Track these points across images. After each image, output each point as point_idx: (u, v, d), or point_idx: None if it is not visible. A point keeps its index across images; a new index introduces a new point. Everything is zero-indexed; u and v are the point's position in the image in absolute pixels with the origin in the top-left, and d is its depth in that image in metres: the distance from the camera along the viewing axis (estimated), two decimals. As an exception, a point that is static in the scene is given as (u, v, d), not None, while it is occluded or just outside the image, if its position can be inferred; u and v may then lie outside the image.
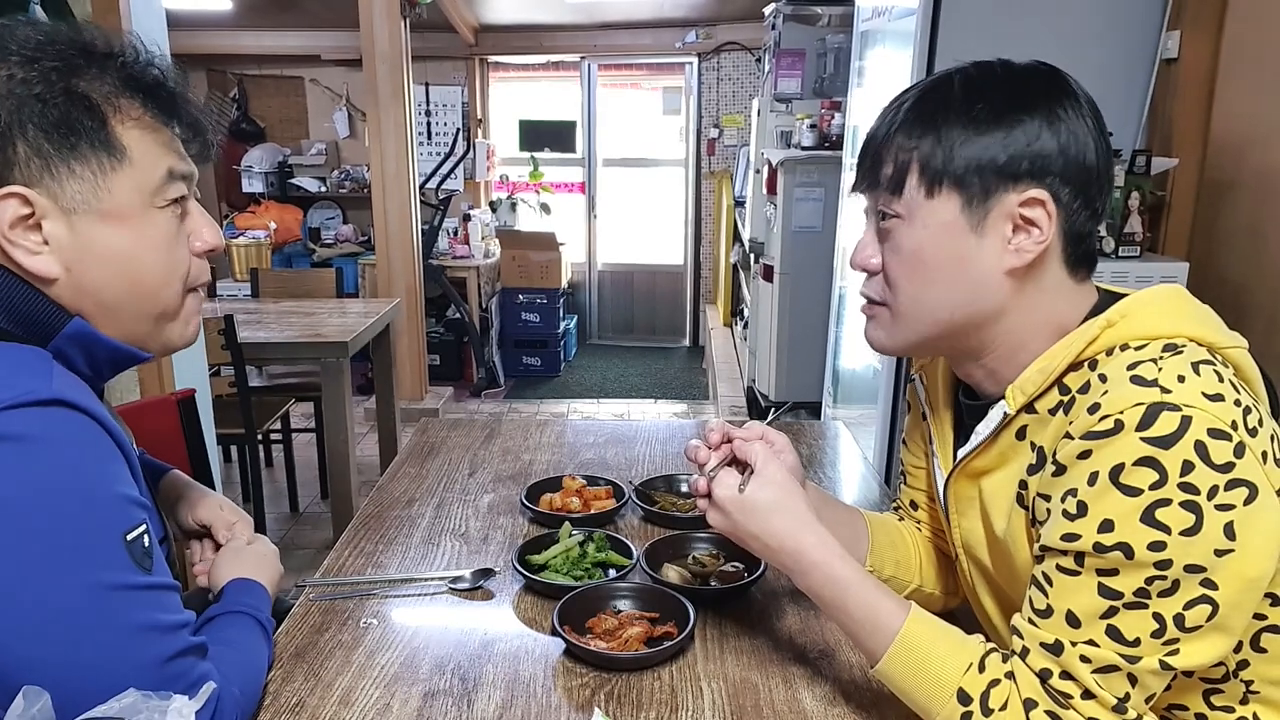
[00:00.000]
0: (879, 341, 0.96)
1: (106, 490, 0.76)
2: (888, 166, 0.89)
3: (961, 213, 0.85)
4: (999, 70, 0.87)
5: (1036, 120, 0.83)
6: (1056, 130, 0.83)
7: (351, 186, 6.04)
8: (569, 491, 1.38)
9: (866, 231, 0.95)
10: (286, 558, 1.11)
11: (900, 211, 0.88)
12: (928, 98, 0.88)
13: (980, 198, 0.85)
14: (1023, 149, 0.83)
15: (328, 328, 3.12)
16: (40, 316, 0.80)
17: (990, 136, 0.84)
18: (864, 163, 0.92)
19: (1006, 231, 0.85)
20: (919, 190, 0.87)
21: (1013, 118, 0.84)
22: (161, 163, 0.84)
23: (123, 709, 0.67)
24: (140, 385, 2.09)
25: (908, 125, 0.88)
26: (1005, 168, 0.83)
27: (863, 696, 0.94)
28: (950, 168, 0.85)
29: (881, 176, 0.89)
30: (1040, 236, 0.84)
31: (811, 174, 3.66)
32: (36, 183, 0.78)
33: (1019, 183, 0.84)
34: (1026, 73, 0.87)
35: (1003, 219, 0.85)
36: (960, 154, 0.84)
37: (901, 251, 0.89)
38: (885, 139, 0.89)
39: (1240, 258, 2.20)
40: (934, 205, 0.86)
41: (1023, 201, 0.84)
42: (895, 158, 0.88)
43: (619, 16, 5.78)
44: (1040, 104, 0.84)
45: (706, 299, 6.54)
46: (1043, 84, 0.86)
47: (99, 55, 0.81)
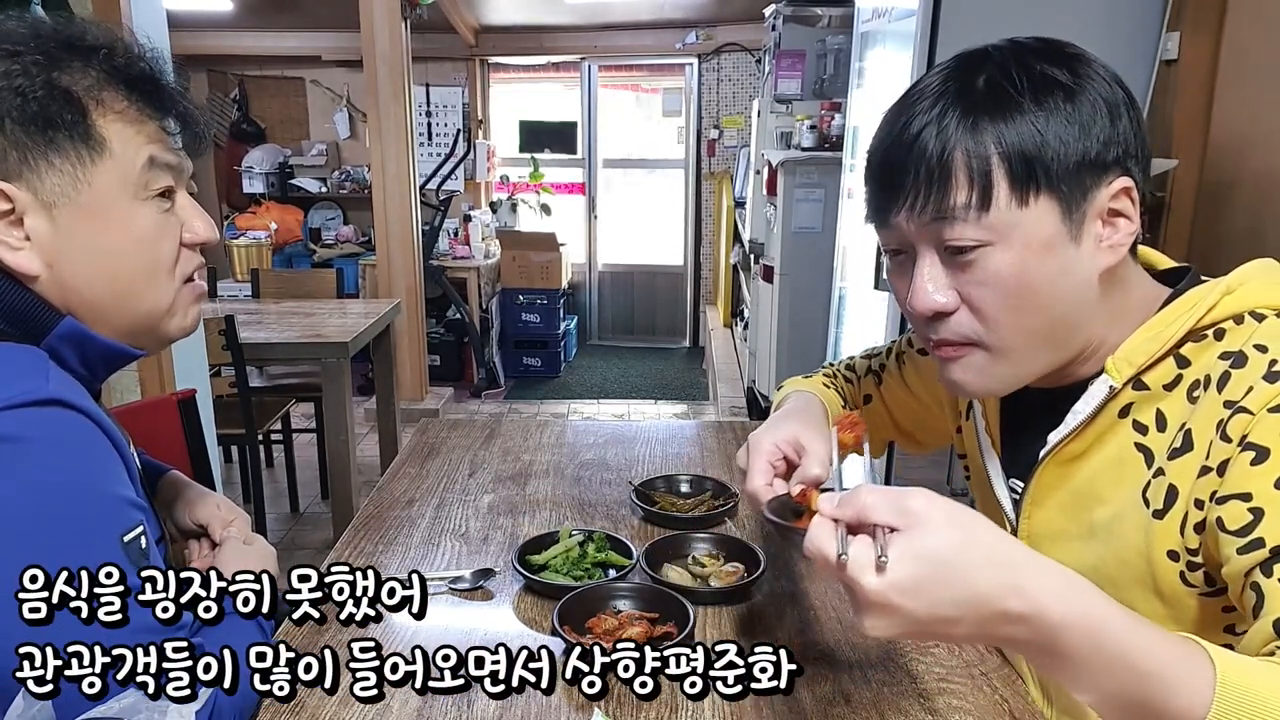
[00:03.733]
0: (974, 386, 0.82)
1: (104, 491, 0.76)
2: (959, 183, 0.74)
3: (1063, 222, 0.74)
4: (1027, 47, 0.78)
5: (1100, 96, 0.74)
6: (1116, 103, 0.75)
7: (352, 187, 6.04)
8: None
9: (921, 268, 0.79)
10: (287, 558, 1.11)
11: (986, 237, 0.74)
12: (976, 90, 0.75)
13: (1079, 199, 0.74)
14: (1108, 133, 0.74)
15: (328, 328, 3.12)
16: (31, 314, 0.80)
17: (1073, 123, 0.73)
18: (914, 177, 0.76)
19: (1098, 230, 0.76)
20: (1011, 202, 0.74)
21: (1083, 97, 0.74)
22: (143, 151, 0.83)
23: (123, 709, 0.67)
24: (141, 385, 2.09)
25: (972, 126, 0.74)
26: (1098, 159, 0.74)
27: (863, 696, 0.94)
28: (1044, 166, 0.73)
29: (952, 199, 0.74)
30: (1131, 228, 0.76)
31: (811, 175, 3.66)
32: (15, 177, 0.78)
33: (1108, 173, 0.75)
34: (1051, 46, 0.78)
35: (1094, 217, 0.76)
36: (1051, 148, 0.73)
37: (1000, 281, 0.75)
38: (945, 151, 0.74)
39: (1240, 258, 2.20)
40: (1032, 217, 0.74)
41: (1114, 194, 0.75)
42: (969, 169, 0.74)
43: (619, 17, 5.78)
44: (1091, 75, 0.75)
45: (706, 300, 6.54)
46: (1071, 53, 0.77)
47: (84, 48, 0.81)
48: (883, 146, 0.80)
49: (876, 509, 0.60)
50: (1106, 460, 0.82)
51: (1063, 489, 0.87)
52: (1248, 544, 0.69)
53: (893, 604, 0.58)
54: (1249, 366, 0.72)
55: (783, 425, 0.98)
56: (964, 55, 0.79)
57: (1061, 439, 0.84)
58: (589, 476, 1.52)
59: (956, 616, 0.58)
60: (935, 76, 0.79)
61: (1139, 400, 0.79)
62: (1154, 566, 0.78)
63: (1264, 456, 0.69)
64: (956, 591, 0.58)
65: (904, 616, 0.59)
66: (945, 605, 0.58)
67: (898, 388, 1.18)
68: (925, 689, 0.94)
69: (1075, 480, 0.85)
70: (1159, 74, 2.37)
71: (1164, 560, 0.77)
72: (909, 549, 0.58)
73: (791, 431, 0.96)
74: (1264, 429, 0.70)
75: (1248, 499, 0.69)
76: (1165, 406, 0.78)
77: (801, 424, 0.98)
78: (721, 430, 1.78)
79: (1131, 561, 0.79)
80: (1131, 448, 0.80)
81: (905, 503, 0.60)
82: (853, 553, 0.59)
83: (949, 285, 0.78)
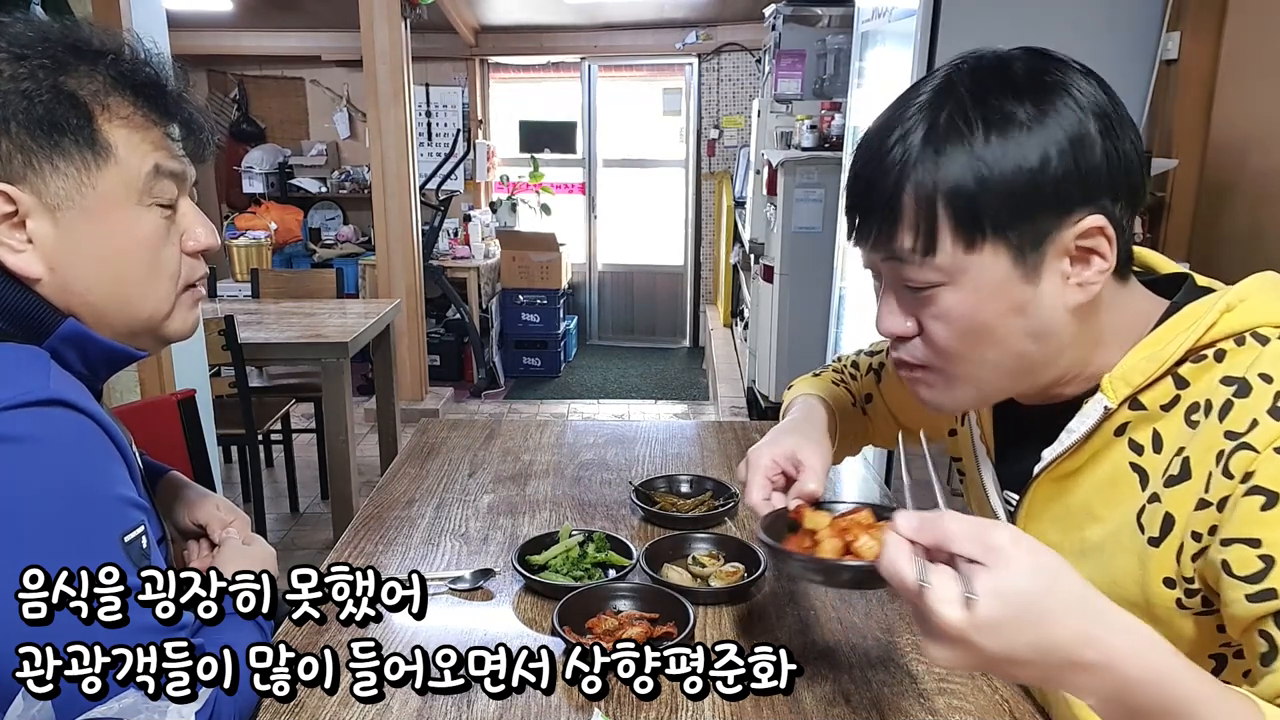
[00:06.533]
0: (938, 404, 0.84)
1: (105, 491, 0.76)
2: (906, 226, 0.74)
3: (1015, 266, 0.73)
4: (997, 67, 0.74)
5: (1063, 132, 0.70)
6: (1083, 137, 0.70)
7: (352, 187, 6.04)
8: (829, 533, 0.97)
9: (884, 297, 0.80)
10: (287, 558, 1.12)
11: (936, 279, 0.74)
12: (938, 124, 0.72)
13: (1033, 242, 0.72)
14: (1069, 172, 0.70)
15: (328, 328, 3.12)
16: (34, 315, 0.80)
17: (1023, 166, 0.70)
18: (868, 216, 0.77)
19: (1064, 267, 0.74)
20: (957, 248, 0.73)
21: (1040, 135, 0.70)
22: (148, 159, 0.83)
23: (123, 709, 0.67)
24: (141, 386, 2.09)
25: (925, 163, 0.72)
26: (1056, 199, 0.71)
27: (862, 696, 0.94)
28: (990, 213, 0.71)
29: (899, 242, 0.74)
30: (1103, 265, 0.73)
31: (811, 175, 3.66)
32: (20, 180, 0.78)
33: (1072, 213, 0.72)
34: (1028, 65, 0.74)
35: (1058, 256, 0.73)
36: (995, 194, 0.70)
37: (952, 320, 0.76)
38: (898, 189, 0.73)
39: (1240, 259, 2.20)
40: (980, 261, 0.73)
41: (1082, 233, 0.72)
42: (916, 212, 0.73)
43: (619, 17, 5.78)
44: (1059, 109, 0.71)
45: (706, 299, 6.54)
46: (1048, 80, 0.73)
47: (91, 53, 0.81)
48: (854, 168, 0.80)
49: (959, 539, 0.59)
50: (1101, 479, 0.81)
51: (1057, 504, 0.86)
52: (1258, 593, 0.68)
53: (969, 640, 0.57)
54: (1253, 397, 0.71)
55: (782, 440, 1.00)
56: (939, 75, 0.76)
57: (1056, 456, 0.83)
58: (589, 476, 1.52)
59: (1029, 660, 0.58)
60: (922, 94, 0.76)
61: (1135, 420, 0.78)
62: (1149, 592, 0.77)
63: (1274, 501, 0.67)
64: (1034, 637, 0.57)
65: (976, 653, 0.58)
66: (1021, 648, 0.58)
67: (897, 387, 1.18)
68: (925, 689, 0.94)
69: (1069, 497, 0.84)
70: (1159, 74, 2.37)
71: (1159, 587, 0.77)
72: (995, 588, 0.57)
73: (790, 446, 0.98)
74: (1272, 470, 0.68)
75: (1256, 545, 0.68)
76: (1162, 427, 0.77)
77: (801, 437, 1.00)
78: (721, 430, 1.78)
79: (1124, 584, 0.79)
80: (1126, 467, 0.79)
81: (990, 537, 0.58)
82: (935, 582, 0.58)
83: (908, 314, 0.79)
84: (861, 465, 1.62)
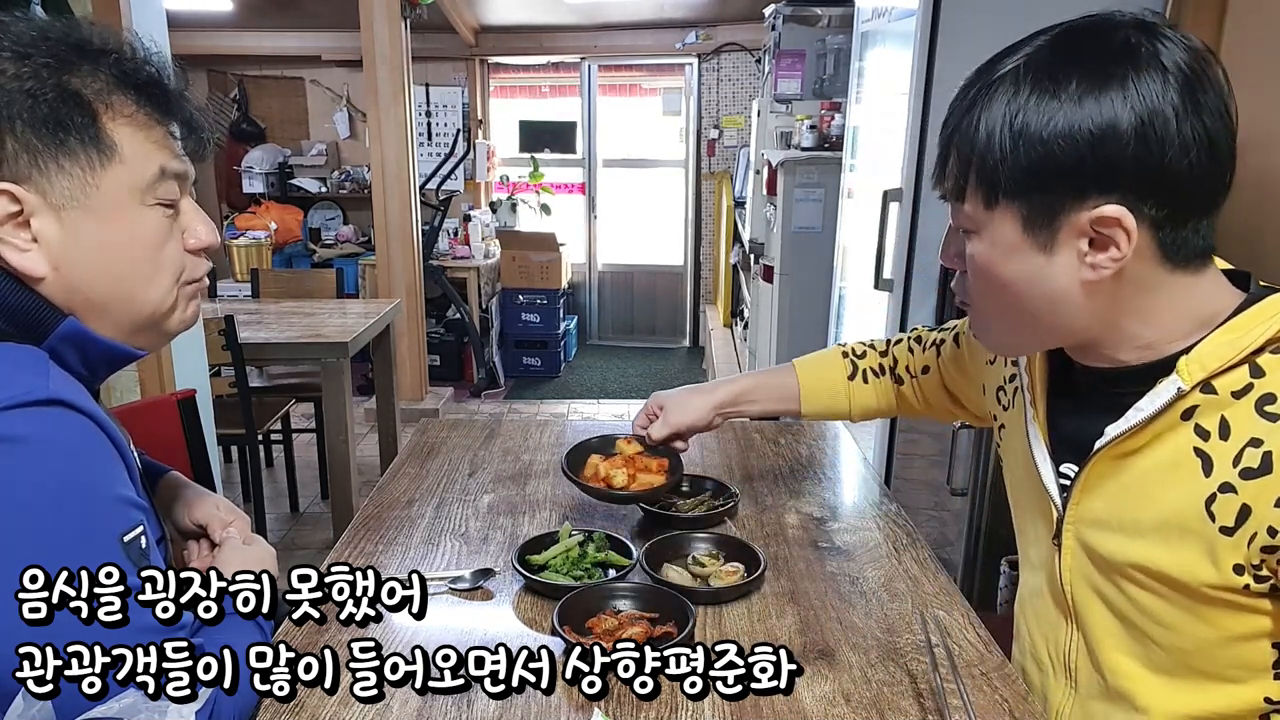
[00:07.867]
0: (983, 339, 0.92)
1: (104, 491, 0.76)
2: (950, 167, 0.80)
3: (1024, 232, 0.76)
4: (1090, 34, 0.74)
5: (1104, 115, 0.70)
6: (1120, 129, 0.70)
7: (352, 187, 6.04)
8: (620, 460, 1.35)
9: (950, 230, 0.87)
10: (287, 558, 1.12)
11: (968, 225, 0.80)
12: (989, 79, 0.76)
13: (1043, 215, 0.75)
14: (1083, 157, 0.71)
15: (328, 328, 3.12)
16: (34, 314, 0.80)
17: (1046, 137, 0.72)
18: (938, 152, 0.83)
19: (1081, 246, 0.75)
20: (978, 201, 0.77)
21: (1076, 111, 0.71)
22: (153, 160, 0.83)
23: (123, 709, 0.67)
24: (140, 385, 2.09)
25: (965, 117, 0.77)
26: (1065, 180, 0.73)
27: (862, 696, 0.94)
28: (1003, 176, 0.74)
29: (947, 177, 0.81)
30: (1118, 254, 0.74)
31: (811, 175, 3.66)
32: (25, 179, 0.78)
33: (1087, 197, 0.73)
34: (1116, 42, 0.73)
35: (1074, 234, 0.75)
36: (1013, 159, 0.73)
37: (974, 266, 0.82)
38: (949, 133, 0.79)
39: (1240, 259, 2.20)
40: (995, 220, 0.77)
41: (1097, 219, 0.73)
42: (957, 157, 0.79)
43: (619, 17, 5.78)
44: (1116, 92, 0.71)
45: (706, 299, 6.54)
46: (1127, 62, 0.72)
47: (93, 52, 0.81)
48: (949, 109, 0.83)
49: None
50: (1161, 460, 0.81)
51: (1113, 481, 0.86)
52: None
53: None
54: None
55: (670, 393, 1.35)
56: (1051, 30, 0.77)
57: (1120, 433, 0.83)
58: (589, 476, 1.51)
59: None
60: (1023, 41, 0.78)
61: (1205, 404, 0.78)
62: (1223, 576, 0.78)
63: None
64: None
65: None
66: None
67: (952, 364, 1.25)
68: (925, 689, 0.94)
69: (1126, 475, 0.84)
70: (1159, 74, 2.37)
71: (1230, 573, 0.77)
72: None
73: (664, 398, 1.33)
74: None
75: None
76: (1231, 414, 0.76)
77: (685, 394, 1.33)
78: (721, 430, 1.78)
79: (1197, 568, 0.79)
80: (1190, 452, 0.79)
81: None
82: None
83: (957, 251, 0.85)
84: (861, 465, 1.62)
